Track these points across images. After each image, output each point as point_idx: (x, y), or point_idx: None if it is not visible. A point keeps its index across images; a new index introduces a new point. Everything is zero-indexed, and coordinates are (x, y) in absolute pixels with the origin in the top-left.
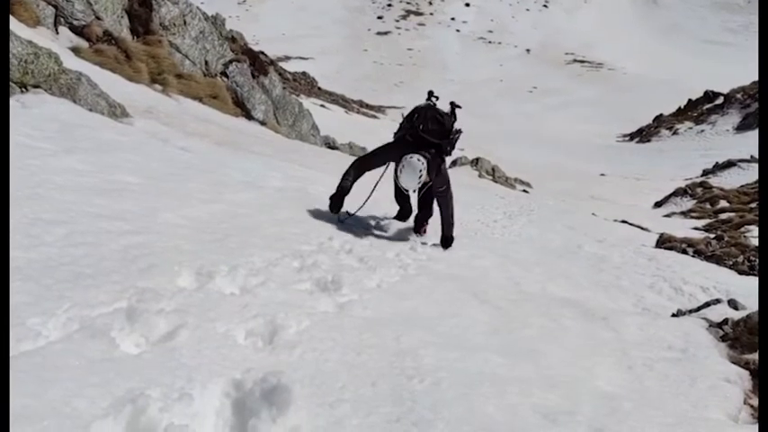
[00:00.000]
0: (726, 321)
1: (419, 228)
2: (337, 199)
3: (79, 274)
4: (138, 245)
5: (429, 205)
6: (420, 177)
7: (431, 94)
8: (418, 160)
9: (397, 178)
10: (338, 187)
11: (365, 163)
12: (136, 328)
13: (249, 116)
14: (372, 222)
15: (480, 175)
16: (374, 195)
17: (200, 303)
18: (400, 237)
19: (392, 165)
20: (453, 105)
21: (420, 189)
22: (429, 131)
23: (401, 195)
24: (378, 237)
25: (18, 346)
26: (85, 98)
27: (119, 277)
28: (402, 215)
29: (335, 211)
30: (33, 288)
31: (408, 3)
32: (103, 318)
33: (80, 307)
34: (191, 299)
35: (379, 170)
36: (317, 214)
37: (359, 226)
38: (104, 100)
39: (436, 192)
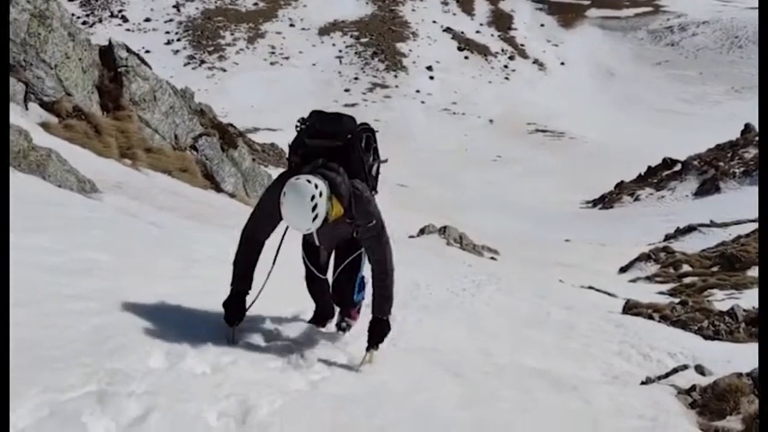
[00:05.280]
0: (694, 388)
1: (343, 324)
2: (234, 306)
3: (48, 356)
4: (108, 325)
5: (348, 291)
6: (315, 206)
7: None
8: (307, 180)
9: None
10: (232, 287)
11: (253, 230)
12: (106, 412)
13: (218, 189)
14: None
15: (448, 243)
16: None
17: (171, 384)
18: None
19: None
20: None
21: (339, 250)
22: (322, 133)
23: (315, 281)
24: None
25: None
26: (55, 174)
27: (89, 359)
28: (321, 315)
29: (236, 323)
30: None
31: (374, 76)
32: (74, 402)
33: (50, 391)
34: (162, 380)
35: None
36: (286, 287)
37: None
38: (74, 176)
39: (363, 235)
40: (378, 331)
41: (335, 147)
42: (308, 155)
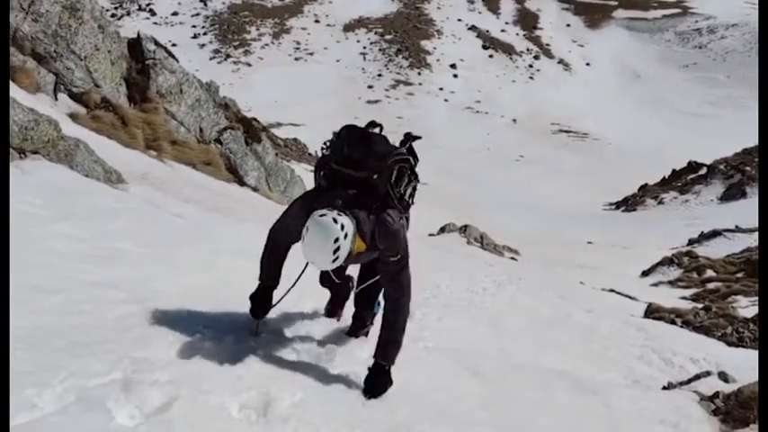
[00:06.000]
0: (717, 395)
1: (358, 329)
2: (261, 299)
3: (75, 343)
4: (134, 314)
5: (372, 297)
6: (337, 248)
7: (372, 124)
8: (333, 220)
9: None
10: (260, 282)
11: (279, 235)
12: (131, 400)
13: (242, 182)
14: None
15: (469, 242)
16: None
17: (194, 375)
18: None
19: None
20: (409, 138)
21: (365, 267)
22: (351, 162)
23: (329, 279)
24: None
25: (13, 418)
26: (82, 164)
27: (114, 347)
28: (336, 299)
29: (260, 316)
30: (29, 357)
31: (398, 73)
32: (99, 389)
33: (76, 377)
34: (185, 370)
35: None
36: (308, 283)
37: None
38: (101, 166)
39: (383, 264)
40: (377, 383)
41: (362, 178)
42: (335, 180)
